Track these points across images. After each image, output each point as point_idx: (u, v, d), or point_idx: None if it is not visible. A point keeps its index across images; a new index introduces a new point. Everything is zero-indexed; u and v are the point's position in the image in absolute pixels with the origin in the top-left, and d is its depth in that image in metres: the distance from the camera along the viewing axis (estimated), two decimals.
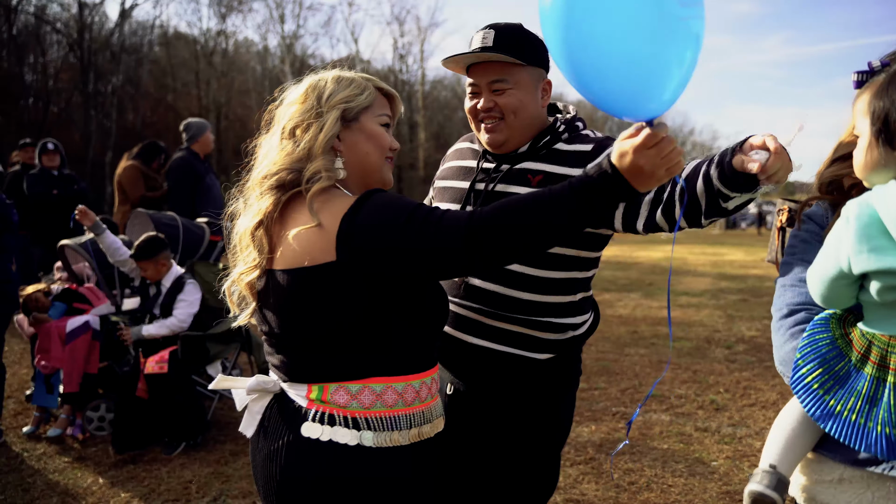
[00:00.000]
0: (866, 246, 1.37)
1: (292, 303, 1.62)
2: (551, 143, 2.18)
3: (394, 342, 1.63)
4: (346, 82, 1.76)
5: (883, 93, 1.45)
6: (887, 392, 1.40)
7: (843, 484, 1.55)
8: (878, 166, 1.46)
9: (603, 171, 1.45)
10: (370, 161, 1.76)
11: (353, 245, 1.54)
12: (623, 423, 5.13)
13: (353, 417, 1.60)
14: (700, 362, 6.97)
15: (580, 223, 1.48)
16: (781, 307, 1.68)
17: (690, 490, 3.99)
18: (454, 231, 1.50)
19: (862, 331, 1.48)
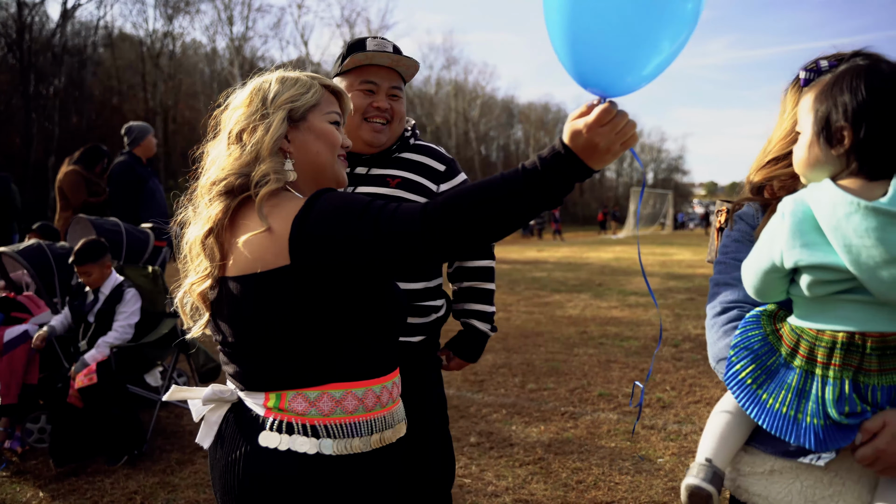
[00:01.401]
0: (799, 241, 1.40)
1: (246, 310, 1.58)
2: (401, 150, 2.57)
3: (352, 346, 1.61)
4: (291, 82, 1.73)
5: (827, 94, 1.49)
6: (816, 384, 1.43)
7: (773, 475, 1.58)
8: (818, 164, 1.50)
9: (556, 152, 1.43)
10: (321, 160, 1.72)
11: (306, 247, 1.51)
12: (572, 422, 5.18)
13: (312, 425, 1.57)
14: (647, 361, 7.07)
15: (535, 206, 1.45)
16: (715, 305, 1.71)
17: (637, 487, 4.05)
18: (410, 218, 1.46)
19: (791, 326, 1.51)
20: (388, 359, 1.70)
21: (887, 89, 1.44)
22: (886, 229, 1.32)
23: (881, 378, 1.41)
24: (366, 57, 2.45)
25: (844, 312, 1.43)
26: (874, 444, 1.40)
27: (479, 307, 2.76)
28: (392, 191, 2.49)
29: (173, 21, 36.70)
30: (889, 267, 1.32)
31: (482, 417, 5.31)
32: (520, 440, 4.81)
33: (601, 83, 1.45)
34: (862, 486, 1.49)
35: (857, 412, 1.41)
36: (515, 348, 7.80)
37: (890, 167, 1.44)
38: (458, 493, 3.96)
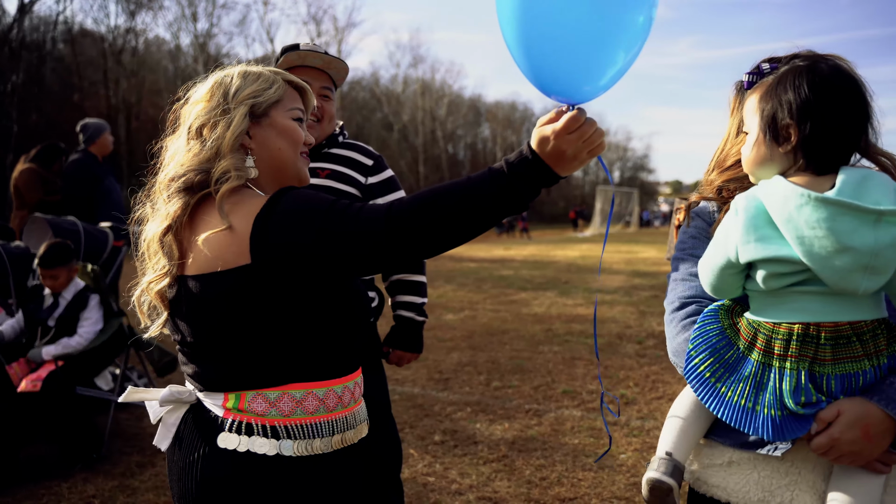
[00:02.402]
0: (753, 236, 1.43)
1: (205, 310, 1.54)
2: (330, 146, 2.76)
3: (313, 346, 1.58)
4: (254, 77, 1.70)
5: (772, 93, 1.52)
6: (773, 376, 1.46)
7: (732, 467, 1.61)
8: (765, 162, 1.53)
9: (523, 157, 1.43)
10: (283, 157, 1.68)
11: (267, 246, 1.48)
12: (536, 420, 5.20)
13: (272, 426, 1.54)
14: (612, 358, 7.14)
15: (500, 210, 1.44)
16: (673, 300, 1.73)
17: (600, 483, 4.07)
18: (375, 218, 1.44)
19: (748, 319, 1.53)
20: (350, 359, 1.67)
21: (828, 86, 1.47)
22: (836, 219, 1.35)
23: (835, 367, 1.44)
24: (298, 57, 2.61)
25: (799, 304, 1.46)
26: (829, 433, 1.43)
27: (409, 298, 2.92)
28: (322, 181, 2.65)
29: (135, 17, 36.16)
30: (840, 256, 1.35)
31: (447, 416, 5.31)
32: (484, 438, 4.81)
33: (561, 92, 1.46)
34: (816, 474, 1.53)
35: (813, 402, 1.44)
36: (481, 346, 7.81)
37: (835, 162, 1.48)
38: (421, 492, 3.95)
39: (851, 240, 1.34)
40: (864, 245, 1.34)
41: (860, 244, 1.34)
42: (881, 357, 1.45)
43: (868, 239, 1.34)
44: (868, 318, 1.45)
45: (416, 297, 2.92)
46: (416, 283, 2.93)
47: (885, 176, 1.45)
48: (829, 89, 1.47)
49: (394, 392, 5.95)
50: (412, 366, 6.89)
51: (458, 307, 10.84)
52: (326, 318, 1.59)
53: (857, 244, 1.34)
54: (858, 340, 1.44)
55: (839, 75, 1.49)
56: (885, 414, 1.42)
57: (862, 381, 1.45)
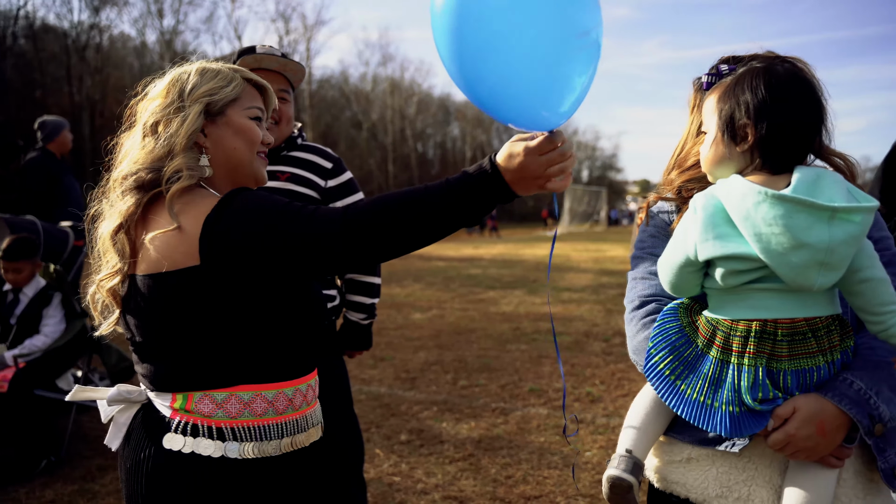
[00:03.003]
0: (712, 234, 1.44)
1: (154, 310, 1.52)
2: (289, 148, 2.77)
3: (263, 348, 1.56)
4: (211, 74, 1.66)
5: (730, 94, 1.55)
6: (731, 373, 1.48)
7: (690, 463, 1.63)
8: (723, 161, 1.55)
9: (482, 170, 1.43)
10: (239, 156, 1.65)
11: (217, 248, 1.46)
12: (502, 418, 5.21)
13: (218, 427, 1.52)
14: (578, 356, 7.17)
15: (454, 221, 1.45)
16: (633, 299, 1.75)
17: (565, 481, 4.08)
18: (330, 220, 1.44)
19: (707, 317, 1.55)
20: (302, 361, 1.65)
21: (784, 88, 1.50)
22: (792, 216, 1.37)
23: (791, 363, 1.47)
24: (255, 60, 2.62)
25: (756, 301, 1.48)
26: (785, 430, 1.46)
27: (359, 298, 2.97)
28: (282, 184, 2.67)
29: (100, 13, 35.57)
30: (796, 252, 1.37)
31: (413, 415, 5.30)
32: (450, 437, 4.81)
33: (524, 122, 1.47)
34: (773, 470, 1.56)
35: (770, 399, 1.47)
36: (448, 345, 7.81)
37: (790, 161, 1.51)
38: (387, 492, 3.94)
39: (807, 236, 1.36)
40: (819, 241, 1.36)
41: (816, 240, 1.36)
42: (835, 353, 1.49)
43: (823, 235, 1.36)
44: (823, 314, 1.48)
45: (365, 298, 2.97)
46: (367, 284, 2.97)
47: (837, 175, 1.48)
48: (785, 90, 1.50)
49: (360, 392, 5.92)
50: (379, 365, 6.87)
51: (426, 306, 10.83)
52: (277, 320, 1.57)
53: (813, 240, 1.36)
54: (813, 336, 1.47)
55: (795, 77, 1.52)
56: (840, 410, 1.45)
57: (816, 376, 1.48)
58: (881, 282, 1.45)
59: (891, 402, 1.49)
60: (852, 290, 1.47)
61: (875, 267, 1.46)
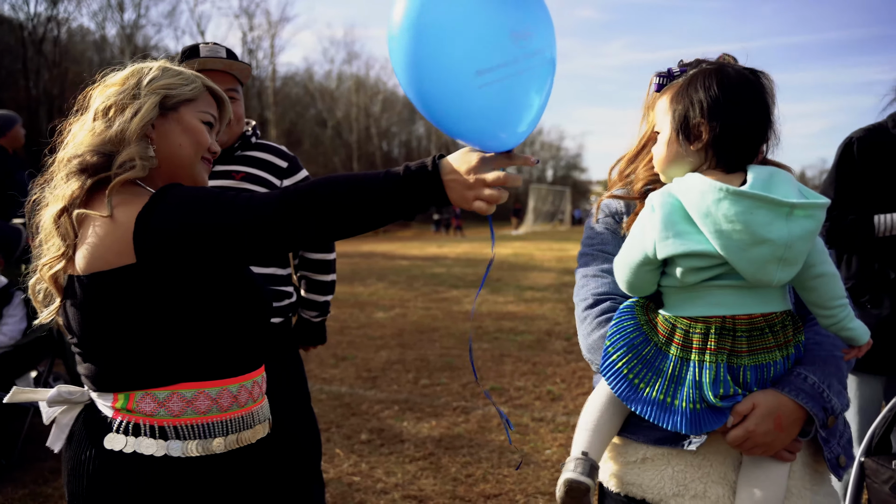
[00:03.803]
0: (671, 231, 1.45)
1: (91, 309, 1.49)
2: (243, 148, 2.76)
3: (205, 345, 1.53)
4: (173, 72, 1.65)
5: (683, 94, 1.56)
6: (691, 371, 1.49)
7: (646, 463, 1.63)
8: (678, 160, 1.57)
9: (423, 168, 1.42)
10: (182, 154, 1.63)
11: (152, 243, 1.43)
12: (463, 417, 5.21)
13: (161, 426, 1.50)
14: (540, 354, 7.21)
15: (388, 213, 1.44)
16: (586, 297, 1.74)
17: (524, 479, 4.10)
18: (265, 205, 1.42)
19: (665, 315, 1.55)
20: (247, 357, 1.63)
21: (736, 87, 1.53)
22: (752, 213, 1.39)
23: (751, 358, 1.50)
24: (199, 63, 2.61)
25: (715, 298, 1.50)
26: (745, 426, 1.49)
27: (312, 297, 3.01)
28: (237, 184, 2.67)
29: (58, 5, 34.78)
30: (756, 248, 1.39)
31: (374, 415, 5.27)
32: (411, 436, 4.79)
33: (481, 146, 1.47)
34: (727, 466, 1.58)
35: (731, 395, 1.49)
36: (410, 344, 7.79)
37: (743, 160, 1.53)
38: (346, 492, 3.91)
39: (768, 232, 1.38)
40: (779, 237, 1.38)
41: (776, 236, 1.38)
42: (789, 347, 1.53)
43: (782, 231, 1.39)
44: (778, 309, 1.52)
45: (319, 296, 3.00)
46: (321, 283, 3.00)
47: (788, 173, 1.51)
48: (737, 90, 1.52)
49: (321, 391, 5.88)
50: (340, 365, 6.84)
51: (388, 305, 10.80)
52: (217, 316, 1.55)
53: (773, 236, 1.38)
54: (770, 332, 1.50)
55: (746, 79, 1.55)
56: (796, 404, 1.49)
57: (773, 371, 1.51)
58: (833, 276, 1.50)
59: (840, 394, 1.56)
60: (806, 285, 1.51)
61: (827, 262, 1.50)
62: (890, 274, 2.97)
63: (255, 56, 44.50)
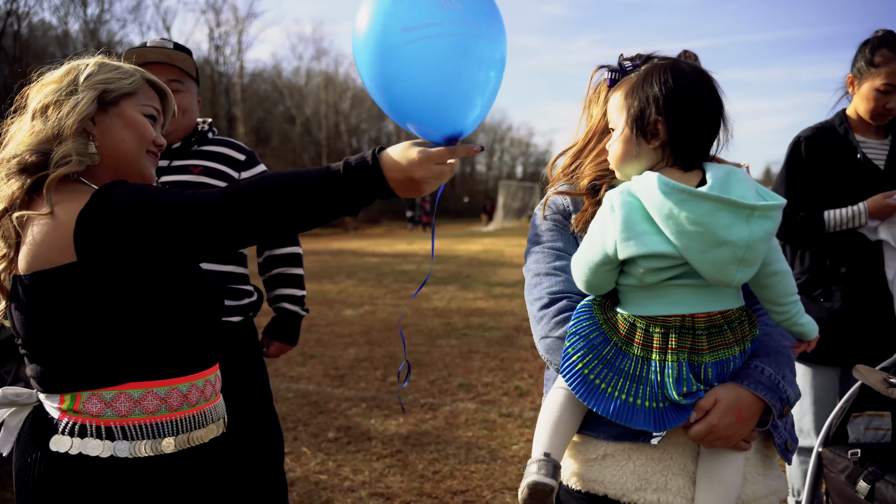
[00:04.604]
0: (632, 232, 1.44)
1: (34, 309, 1.48)
2: (200, 143, 2.72)
3: (152, 344, 1.52)
4: (111, 67, 1.64)
5: (638, 90, 1.55)
6: (654, 369, 1.49)
7: (607, 459, 1.63)
8: (634, 157, 1.55)
9: (364, 162, 1.43)
10: (125, 149, 1.61)
11: (94, 241, 1.42)
12: (431, 414, 5.21)
13: (107, 427, 1.48)
14: (508, 350, 7.23)
15: (330, 209, 1.45)
16: (541, 296, 1.71)
17: (492, 475, 4.11)
18: (209, 201, 1.42)
19: (624, 315, 1.55)
20: (198, 355, 1.62)
21: (692, 83, 1.53)
22: (715, 214, 1.39)
23: (711, 355, 1.51)
24: (140, 55, 2.60)
25: (675, 298, 1.50)
26: (707, 421, 1.50)
27: (289, 291, 2.95)
28: (195, 178, 2.63)
29: None
30: (718, 249, 1.40)
31: (341, 412, 5.25)
32: (378, 434, 4.78)
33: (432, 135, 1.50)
34: (686, 457, 1.60)
35: (693, 391, 1.50)
36: (379, 342, 7.77)
37: (699, 158, 1.54)
38: (313, 491, 3.90)
39: (729, 234, 1.39)
40: (740, 239, 1.39)
41: (737, 238, 1.39)
42: (746, 342, 1.55)
43: (743, 233, 1.40)
44: (735, 306, 1.53)
45: (296, 290, 2.96)
46: (295, 276, 2.96)
47: (743, 172, 1.51)
48: (693, 87, 1.52)
49: (288, 390, 5.85)
50: (308, 363, 6.80)
51: (357, 302, 10.77)
52: (165, 314, 1.54)
53: (735, 238, 1.39)
54: (729, 328, 1.52)
55: (701, 74, 1.55)
56: (755, 397, 1.52)
57: (732, 366, 1.54)
58: (786, 274, 1.52)
59: (793, 384, 1.59)
60: (762, 283, 1.52)
61: (781, 261, 1.52)
62: (840, 268, 3.04)
63: (222, 52, 44.04)
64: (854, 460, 2.44)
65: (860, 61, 3.04)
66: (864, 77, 3.02)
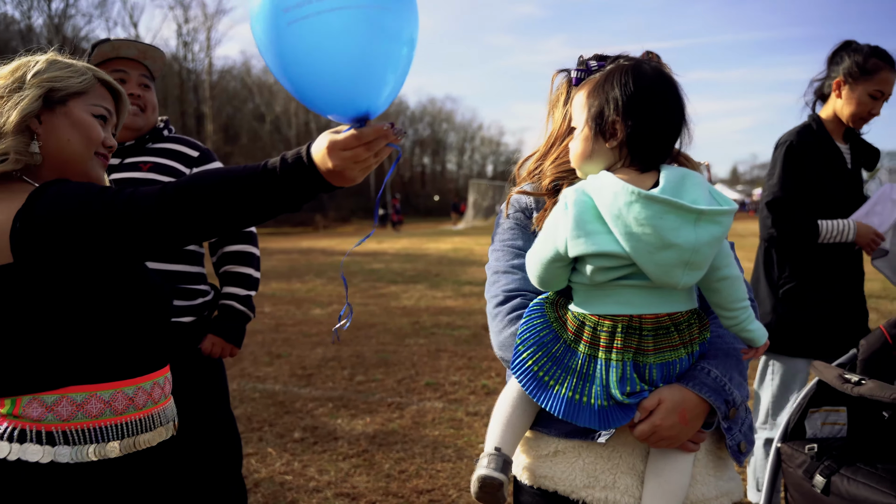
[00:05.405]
0: (582, 230, 1.45)
1: None
2: (154, 140, 2.69)
3: (95, 346, 1.49)
4: (62, 65, 1.60)
5: (599, 90, 1.56)
6: (599, 368, 1.50)
7: (557, 456, 1.65)
8: (593, 156, 1.57)
9: (299, 158, 1.40)
10: (71, 150, 1.57)
11: (30, 242, 1.40)
12: (398, 413, 5.21)
13: (48, 432, 1.45)
14: (476, 349, 7.24)
15: (270, 206, 1.42)
16: (497, 294, 1.73)
17: (458, 473, 4.11)
18: (147, 198, 1.40)
19: (574, 312, 1.56)
20: (144, 358, 1.60)
21: (652, 85, 1.53)
22: (662, 217, 1.40)
23: (656, 356, 1.52)
24: (112, 48, 2.57)
25: (623, 297, 1.51)
26: (651, 421, 1.51)
27: (234, 290, 2.84)
28: (145, 175, 2.58)
29: None
30: (664, 252, 1.41)
31: (308, 412, 5.23)
32: (345, 433, 4.77)
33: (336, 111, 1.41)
34: (635, 457, 1.61)
35: (637, 391, 1.51)
36: (346, 341, 7.75)
37: (657, 159, 1.54)
38: (278, 491, 3.87)
39: (675, 237, 1.40)
40: (686, 242, 1.40)
41: (683, 241, 1.40)
42: (694, 345, 1.56)
43: (690, 236, 1.40)
44: (684, 308, 1.53)
45: (241, 290, 2.84)
46: (244, 276, 2.86)
47: (699, 175, 1.52)
48: (653, 88, 1.53)
49: (254, 390, 5.81)
50: (275, 362, 6.76)
51: (326, 301, 10.72)
52: (108, 315, 1.52)
53: (681, 241, 1.40)
54: (676, 330, 1.52)
55: (662, 76, 1.56)
56: (700, 398, 1.53)
57: (679, 368, 1.54)
58: (737, 279, 1.52)
59: (741, 386, 1.60)
60: (711, 287, 1.53)
61: (732, 266, 1.53)
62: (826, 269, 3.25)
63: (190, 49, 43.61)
64: (811, 455, 2.48)
65: (850, 67, 3.16)
66: (858, 81, 3.15)
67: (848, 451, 2.51)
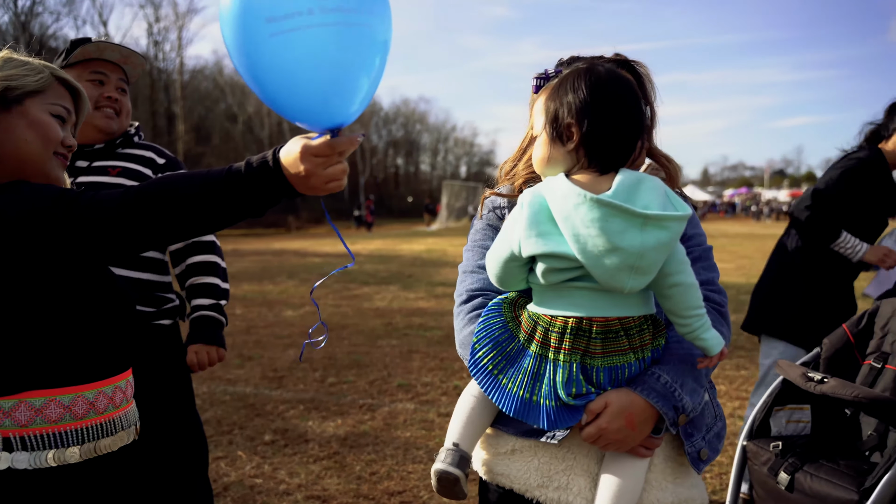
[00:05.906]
0: (534, 231, 1.47)
1: None
2: (124, 146, 2.68)
3: (54, 350, 1.48)
4: (17, 63, 1.57)
5: (555, 95, 1.58)
6: (549, 368, 1.52)
7: (514, 454, 1.67)
8: (552, 160, 1.58)
9: (265, 163, 1.39)
10: (28, 151, 1.54)
11: None
12: (369, 415, 5.20)
13: (5, 437, 1.44)
14: (448, 350, 7.25)
15: (234, 211, 1.41)
16: (462, 293, 1.77)
17: (429, 475, 4.10)
18: (109, 200, 1.38)
19: (529, 312, 1.59)
20: (106, 361, 1.58)
21: (604, 88, 1.54)
22: (608, 220, 1.41)
23: (604, 360, 1.53)
24: (97, 49, 2.55)
25: (574, 299, 1.52)
26: (597, 424, 1.53)
27: (203, 301, 2.77)
28: (113, 179, 2.57)
29: None
30: (610, 255, 1.42)
31: (279, 415, 5.20)
32: (316, 435, 4.75)
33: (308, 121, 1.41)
34: (590, 459, 1.63)
35: (584, 393, 1.52)
36: None
37: (615, 162, 1.55)
38: (248, 495, 3.85)
39: (621, 240, 1.41)
40: (631, 246, 1.41)
41: (628, 245, 1.41)
42: (646, 351, 1.56)
43: (635, 241, 1.41)
44: (635, 314, 1.54)
45: (206, 300, 2.78)
46: (210, 286, 2.80)
47: (657, 180, 1.52)
48: (605, 91, 1.54)
49: (225, 392, 5.77)
50: (246, 365, 6.71)
51: (298, 303, 10.67)
52: (68, 319, 1.50)
53: (626, 245, 1.41)
54: (626, 335, 1.53)
55: (615, 78, 1.56)
56: (647, 403, 1.53)
57: (627, 373, 1.55)
58: (690, 287, 1.52)
59: (694, 392, 1.59)
60: (663, 293, 1.53)
61: (684, 272, 1.52)
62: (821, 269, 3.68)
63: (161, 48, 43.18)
64: (776, 452, 2.52)
65: None
66: None
67: (811, 448, 2.55)
